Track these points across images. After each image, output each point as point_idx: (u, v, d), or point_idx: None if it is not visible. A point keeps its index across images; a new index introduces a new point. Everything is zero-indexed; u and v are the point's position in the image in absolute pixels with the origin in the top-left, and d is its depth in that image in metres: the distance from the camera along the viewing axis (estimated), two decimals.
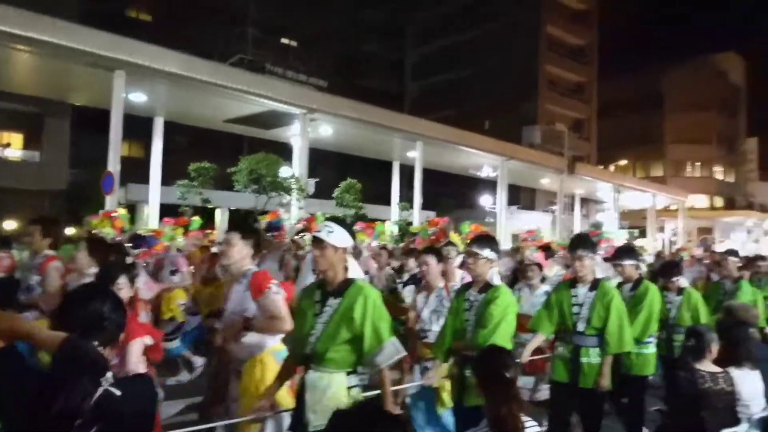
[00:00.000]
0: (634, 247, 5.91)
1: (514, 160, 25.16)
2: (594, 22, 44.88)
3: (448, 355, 4.04)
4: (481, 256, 3.91)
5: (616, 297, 4.39)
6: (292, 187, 15.64)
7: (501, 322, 3.71)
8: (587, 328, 4.35)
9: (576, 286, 4.51)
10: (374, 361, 2.95)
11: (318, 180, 17.75)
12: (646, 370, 5.13)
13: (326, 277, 3.09)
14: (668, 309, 5.81)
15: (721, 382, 3.80)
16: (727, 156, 52.62)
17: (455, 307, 4.08)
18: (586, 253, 4.46)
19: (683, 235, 39.39)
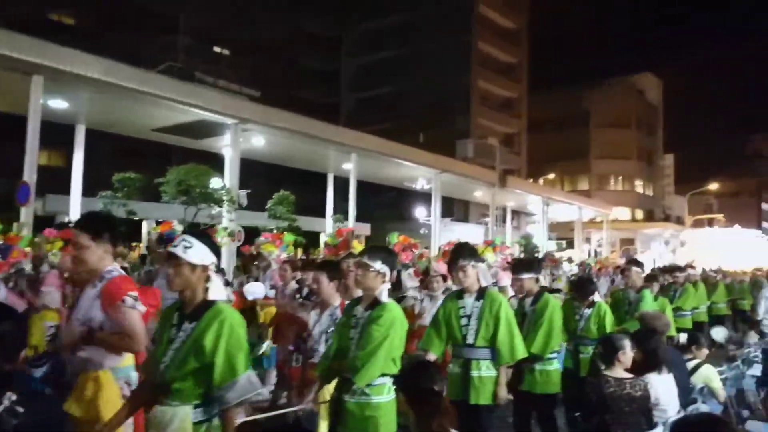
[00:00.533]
0: (533, 260, 5.77)
1: (447, 173, 25.56)
2: (524, 41, 46.50)
3: (329, 377, 3.68)
4: (371, 268, 3.53)
5: (503, 305, 4.28)
6: (223, 199, 15.25)
7: (382, 344, 3.33)
8: (477, 340, 4.22)
9: (463, 296, 4.35)
10: (225, 396, 2.57)
11: (250, 191, 17.40)
12: (550, 387, 4.98)
13: (183, 299, 2.73)
14: (577, 321, 5.79)
15: (628, 387, 3.91)
16: (647, 171, 55.60)
17: (342, 323, 3.77)
18: (467, 262, 4.30)
19: (607, 246, 41.13)
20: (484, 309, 4.22)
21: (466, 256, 4.32)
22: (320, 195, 24.92)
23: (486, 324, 4.19)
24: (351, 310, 3.70)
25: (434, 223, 24.99)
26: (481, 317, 4.21)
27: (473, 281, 4.30)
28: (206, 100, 16.18)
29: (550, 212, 36.08)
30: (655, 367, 4.22)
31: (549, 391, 4.97)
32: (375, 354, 3.32)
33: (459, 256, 4.37)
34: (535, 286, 5.09)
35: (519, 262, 5.69)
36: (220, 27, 33.58)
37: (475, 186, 29.73)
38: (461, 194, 33.35)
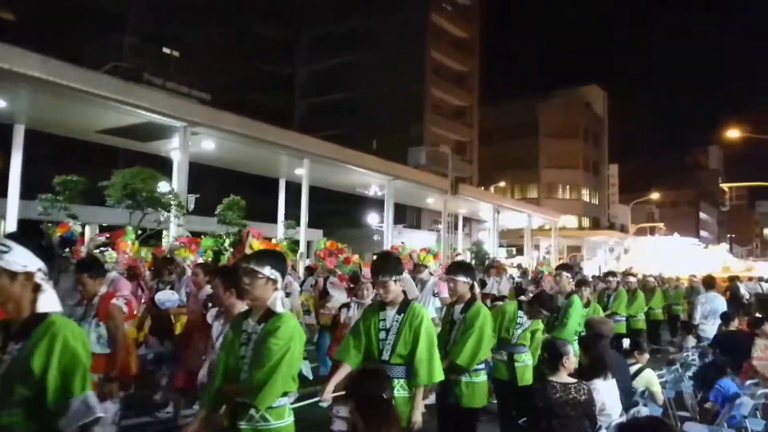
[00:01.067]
0: (470, 266, 5.33)
1: (400, 180, 25.67)
2: (475, 51, 47.30)
3: (217, 401, 3.17)
4: (260, 275, 3.09)
5: (425, 320, 3.88)
6: (171, 204, 14.85)
7: (282, 360, 2.96)
8: (392, 356, 3.83)
9: (385, 308, 3.96)
10: (59, 422, 2.16)
11: (199, 196, 17.03)
12: (475, 401, 4.65)
13: (8, 314, 2.28)
14: (516, 329, 5.56)
15: (573, 391, 3.97)
16: (593, 180, 57.35)
17: (229, 341, 3.26)
18: (388, 277, 3.86)
19: (555, 253, 42.11)
20: (404, 323, 3.86)
21: (389, 271, 3.89)
22: (272, 200, 24.61)
23: (404, 340, 3.82)
24: (240, 324, 3.24)
25: (387, 229, 25.05)
26: (399, 332, 3.85)
27: (396, 296, 3.93)
28: (154, 102, 15.77)
29: (501, 219, 36.71)
30: (602, 372, 4.30)
31: (474, 405, 4.66)
32: (275, 372, 2.95)
33: (380, 271, 3.93)
34: (467, 292, 4.74)
35: (455, 264, 5.37)
36: (169, 28, 32.85)
37: (428, 193, 29.97)
38: (414, 201, 33.55)
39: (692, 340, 9.55)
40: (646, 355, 6.15)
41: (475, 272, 5.09)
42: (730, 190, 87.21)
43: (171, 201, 14.82)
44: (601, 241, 50.45)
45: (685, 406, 7.00)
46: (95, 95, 14.33)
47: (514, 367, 5.40)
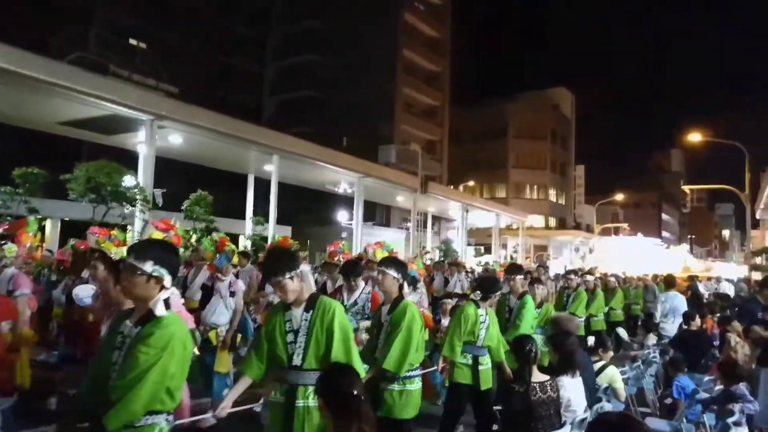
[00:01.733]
0: (402, 262, 4.79)
1: (370, 178, 25.65)
2: (447, 51, 47.55)
3: (83, 414, 2.69)
4: (139, 271, 2.67)
5: (338, 315, 3.39)
6: (136, 198, 14.54)
7: (149, 371, 2.52)
8: (305, 361, 3.34)
9: (290, 308, 3.46)
10: None
11: (165, 191, 16.72)
12: (407, 411, 4.26)
13: None
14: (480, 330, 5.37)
15: (549, 389, 4.04)
16: (560, 181, 58.26)
17: (104, 342, 2.90)
18: (281, 277, 3.36)
19: (523, 252, 42.64)
20: (315, 321, 3.38)
21: (281, 269, 3.38)
22: (240, 196, 24.34)
23: (316, 340, 3.34)
24: (117, 324, 2.81)
25: (356, 227, 25.01)
26: (310, 332, 3.36)
27: (298, 293, 3.43)
28: (119, 94, 15.40)
29: (470, 218, 37.00)
30: (570, 369, 4.37)
31: (406, 417, 4.27)
32: (137, 385, 2.49)
33: (271, 272, 3.45)
34: (395, 289, 4.32)
35: (388, 257, 4.98)
36: (137, 20, 32.17)
37: (397, 191, 30.02)
38: (383, 199, 33.57)
39: (653, 338, 9.78)
40: (610, 352, 6.28)
41: (407, 270, 4.66)
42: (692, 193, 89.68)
43: (136, 195, 14.52)
44: (567, 241, 51.30)
45: (646, 401, 7.18)
46: (58, 86, 13.93)
47: (479, 371, 5.26)
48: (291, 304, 3.45)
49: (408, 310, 4.25)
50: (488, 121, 53.91)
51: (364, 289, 5.92)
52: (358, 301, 5.78)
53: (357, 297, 5.79)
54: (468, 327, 5.29)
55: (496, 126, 54.00)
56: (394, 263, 4.51)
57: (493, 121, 53.98)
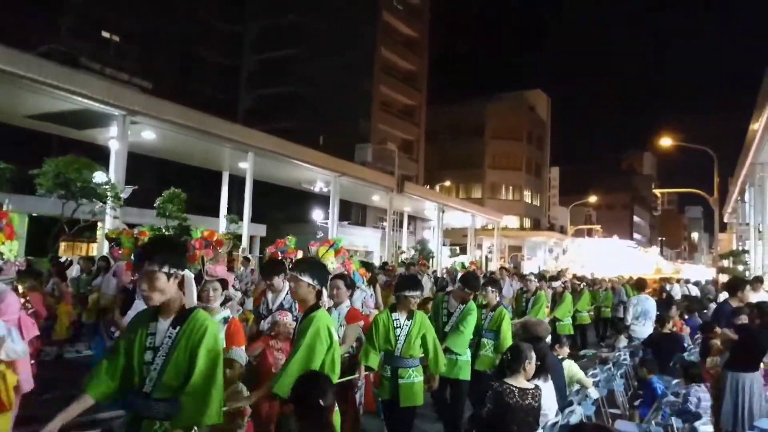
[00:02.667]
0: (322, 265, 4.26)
1: (346, 177, 25.58)
2: (424, 51, 47.68)
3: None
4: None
5: (209, 336, 2.72)
6: (107, 195, 14.26)
7: None
8: (155, 389, 2.67)
9: (157, 318, 2.80)
10: None
11: (137, 188, 16.43)
12: None
13: None
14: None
15: (530, 397, 4.01)
16: (535, 182, 58.87)
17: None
18: (156, 267, 2.71)
19: (497, 253, 42.98)
20: (179, 340, 2.71)
21: (158, 259, 2.71)
22: (215, 194, 24.06)
23: (176, 365, 2.68)
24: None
25: (332, 226, 24.90)
26: (170, 353, 2.70)
27: (170, 298, 2.75)
28: (91, 88, 15.07)
29: (445, 219, 37.15)
30: (542, 374, 4.38)
31: None
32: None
33: (148, 256, 2.74)
34: (311, 297, 3.59)
35: (302, 261, 4.29)
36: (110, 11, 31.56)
37: (373, 190, 30.00)
38: (359, 198, 33.51)
39: (624, 341, 9.91)
40: (566, 348, 6.38)
41: (326, 275, 3.95)
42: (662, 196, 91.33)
43: (107, 192, 14.23)
44: (542, 242, 51.87)
45: (617, 404, 7.26)
46: (27, 78, 13.58)
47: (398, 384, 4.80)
48: (159, 313, 2.79)
49: (314, 324, 3.44)
50: (465, 121, 54.24)
51: None
52: (284, 303, 5.11)
53: (283, 299, 5.13)
54: (381, 334, 4.83)
55: (473, 126, 54.35)
56: (309, 267, 3.70)
57: (470, 121, 54.32)
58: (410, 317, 4.85)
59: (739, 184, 26.40)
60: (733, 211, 32.61)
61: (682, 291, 17.82)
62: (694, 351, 8.11)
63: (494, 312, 6.36)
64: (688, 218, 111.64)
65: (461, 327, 5.76)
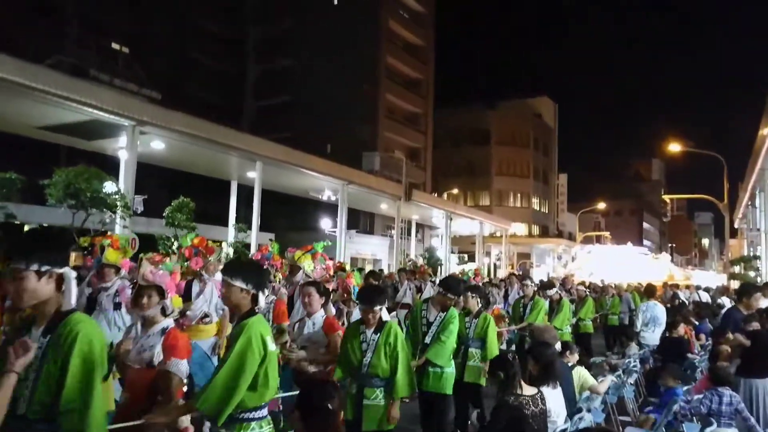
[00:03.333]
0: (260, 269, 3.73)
1: (354, 185, 25.61)
2: (430, 57, 47.81)
3: None
4: None
5: (80, 341, 2.35)
6: (117, 205, 14.34)
7: None
8: (29, 409, 2.33)
9: (32, 327, 2.45)
10: None
11: (146, 197, 16.53)
12: None
13: None
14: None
15: (540, 402, 4.01)
16: (542, 189, 58.74)
17: None
18: (23, 265, 2.35)
19: (506, 260, 42.85)
20: (49, 350, 2.36)
21: (31, 256, 2.35)
22: (223, 203, 24.16)
23: (47, 378, 2.34)
24: None
25: (340, 234, 24.92)
26: (41, 366, 2.35)
27: (42, 301, 2.39)
28: (100, 99, 15.20)
29: (453, 226, 37.10)
30: (550, 380, 4.37)
31: None
32: None
33: (15, 251, 2.40)
34: (245, 303, 3.18)
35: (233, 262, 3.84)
36: (119, 22, 31.89)
37: (381, 198, 30.01)
38: (367, 206, 33.53)
39: (634, 347, 9.85)
40: (576, 355, 6.33)
41: (263, 277, 3.43)
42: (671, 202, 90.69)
43: (117, 202, 14.32)
44: (550, 249, 51.67)
45: (627, 411, 7.21)
46: (37, 90, 13.72)
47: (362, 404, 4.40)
48: (32, 321, 2.45)
49: (245, 332, 3.03)
50: (471, 128, 54.29)
51: (266, 298, 4.86)
52: None
53: None
54: (348, 347, 4.47)
55: (479, 133, 54.39)
56: (241, 269, 3.27)
57: (477, 128, 54.37)
58: (379, 330, 4.39)
59: (749, 190, 26.25)
60: (744, 216, 32.40)
61: (692, 297, 17.67)
62: (704, 357, 8.06)
63: (478, 319, 6.20)
64: (698, 224, 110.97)
65: (442, 337, 5.39)
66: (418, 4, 45.97)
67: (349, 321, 7.42)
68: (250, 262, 4.92)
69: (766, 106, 16.57)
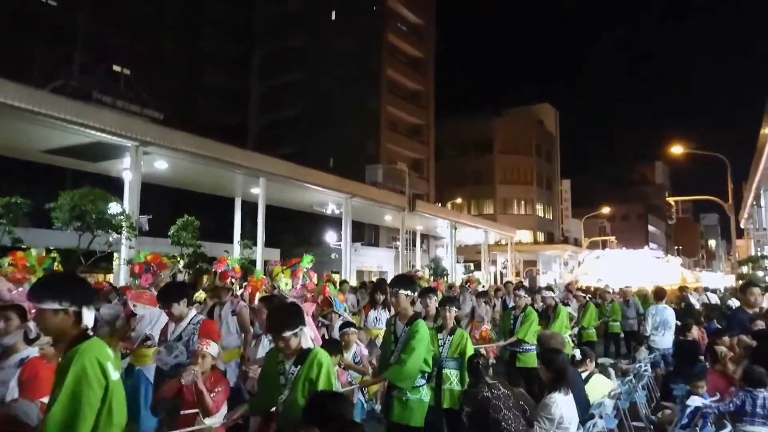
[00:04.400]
0: (62, 277, 3.45)
1: (357, 198, 25.66)
2: (430, 69, 48.05)
3: None
4: None
5: None
6: (122, 225, 14.40)
7: None
8: None
9: None
10: None
11: (151, 217, 16.58)
12: None
13: None
14: None
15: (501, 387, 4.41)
16: (546, 195, 58.69)
17: None
18: None
19: (512, 268, 42.72)
20: None
21: None
22: (228, 220, 24.23)
23: None
24: None
25: (345, 247, 24.94)
26: None
27: None
28: (103, 121, 15.33)
29: (458, 235, 37.06)
30: (561, 386, 4.35)
31: None
32: None
33: None
34: (64, 325, 2.61)
35: (42, 279, 3.10)
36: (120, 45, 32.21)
37: (385, 210, 30.04)
38: (371, 218, 33.55)
39: (644, 352, 9.78)
40: (594, 363, 6.28)
41: (87, 289, 2.80)
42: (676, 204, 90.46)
43: (122, 222, 14.38)
44: (556, 255, 51.48)
45: (639, 416, 7.15)
46: (41, 114, 13.86)
47: None
48: None
49: (76, 363, 2.49)
50: (473, 138, 54.43)
51: (193, 318, 4.62)
52: (183, 335, 4.49)
53: (183, 329, 4.52)
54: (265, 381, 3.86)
55: (482, 142, 54.51)
56: (50, 287, 2.66)
57: (479, 137, 54.49)
58: (300, 362, 3.40)
59: (753, 190, 26.15)
60: (750, 216, 32.25)
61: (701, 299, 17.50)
62: None
63: (453, 336, 5.41)
64: (704, 226, 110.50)
65: (403, 355, 4.50)
66: (416, 17, 46.30)
67: (330, 335, 7.21)
68: (62, 274, 4.20)
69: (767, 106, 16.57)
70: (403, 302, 4.75)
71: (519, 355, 7.64)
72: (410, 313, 4.76)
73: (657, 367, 8.80)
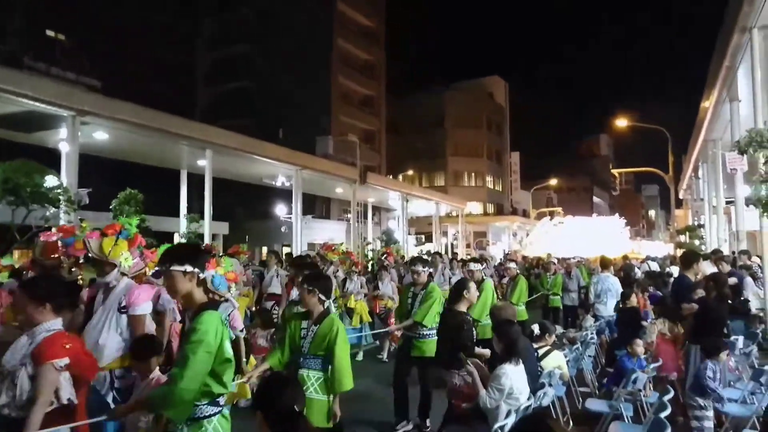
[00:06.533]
0: None
1: (308, 170, 25.30)
2: (381, 40, 47.55)
3: None
4: None
5: None
6: (60, 199, 13.73)
7: None
8: None
9: None
10: None
11: (91, 190, 15.89)
12: None
13: None
14: None
15: None
16: (496, 168, 59.50)
17: None
18: None
19: (462, 239, 43.30)
20: None
21: None
22: (173, 193, 23.54)
23: None
24: None
25: (296, 220, 24.64)
26: None
27: None
28: (36, 90, 14.45)
29: (410, 208, 37.18)
30: (512, 357, 4.37)
31: None
32: None
33: None
34: None
35: None
36: (55, 9, 30.44)
37: (336, 182, 29.79)
38: (322, 191, 33.26)
39: (590, 320, 10.06)
40: (553, 337, 6.39)
41: None
42: (620, 176, 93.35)
43: (59, 196, 13.71)
44: (505, 227, 52.45)
45: (586, 382, 7.35)
46: None
47: None
48: None
49: None
50: (425, 111, 54.42)
51: None
52: None
53: None
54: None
55: (433, 115, 54.58)
56: None
57: (430, 110, 54.53)
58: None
59: (692, 162, 27.12)
60: (688, 187, 33.53)
61: (643, 268, 18.13)
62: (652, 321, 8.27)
63: (321, 325, 4.43)
64: (645, 197, 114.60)
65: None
66: None
67: None
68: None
69: (708, 79, 17.07)
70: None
71: (415, 342, 6.21)
72: None
73: (602, 334, 9.05)
